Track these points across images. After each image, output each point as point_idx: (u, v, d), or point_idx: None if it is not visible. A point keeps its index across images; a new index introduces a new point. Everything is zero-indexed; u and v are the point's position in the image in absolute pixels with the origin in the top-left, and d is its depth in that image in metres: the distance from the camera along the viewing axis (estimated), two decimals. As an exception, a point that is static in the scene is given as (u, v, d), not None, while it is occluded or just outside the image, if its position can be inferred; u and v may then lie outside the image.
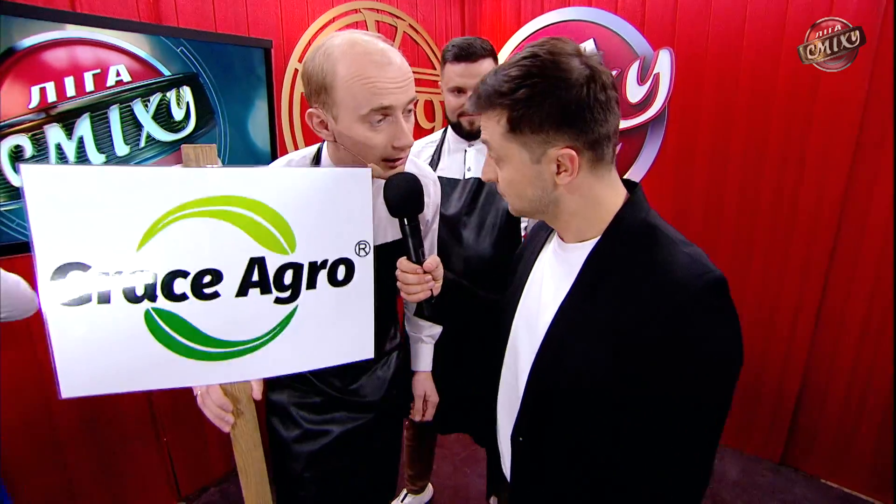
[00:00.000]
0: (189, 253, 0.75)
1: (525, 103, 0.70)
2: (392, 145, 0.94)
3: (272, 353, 0.84)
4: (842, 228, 2.05)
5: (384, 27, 2.58)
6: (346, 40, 0.90)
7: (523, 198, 0.78)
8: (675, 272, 0.68)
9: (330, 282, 0.86)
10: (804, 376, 2.25)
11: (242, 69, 2.00)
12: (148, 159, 1.79)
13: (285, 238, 0.80)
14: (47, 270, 0.68)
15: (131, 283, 0.72)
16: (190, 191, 0.73)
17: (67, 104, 1.60)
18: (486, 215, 1.57)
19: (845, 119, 1.95)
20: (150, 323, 0.75)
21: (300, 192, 0.80)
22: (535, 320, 0.83)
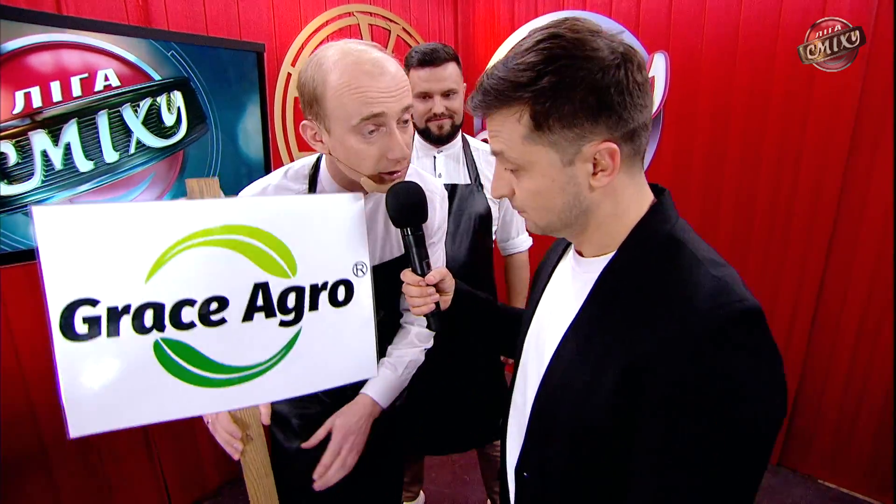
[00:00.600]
0: (196, 282, 0.77)
1: (552, 93, 0.58)
2: (387, 157, 0.90)
3: (279, 376, 0.85)
4: (837, 230, 2.06)
5: (377, 31, 2.55)
6: (339, 50, 0.88)
7: (551, 211, 0.66)
8: (697, 299, 0.57)
9: (331, 303, 0.88)
10: (801, 378, 2.25)
11: (235, 73, 1.96)
12: (138, 166, 1.74)
13: (287, 262, 0.83)
14: (57, 308, 0.69)
15: (140, 315, 0.74)
16: (195, 222, 0.76)
17: (54, 109, 1.55)
18: (459, 221, 1.58)
19: (841, 120, 1.96)
20: (158, 353, 0.76)
21: (298, 218, 0.83)
22: (543, 341, 0.75)
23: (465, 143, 1.66)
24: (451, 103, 1.54)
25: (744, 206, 2.26)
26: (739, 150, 2.22)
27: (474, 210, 1.59)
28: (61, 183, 1.59)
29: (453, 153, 1.64)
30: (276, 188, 1.03)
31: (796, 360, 2.24)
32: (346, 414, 1.03)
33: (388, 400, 1.10)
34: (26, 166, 1.52)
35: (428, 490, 2.21)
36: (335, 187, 1.02)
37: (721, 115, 2.24)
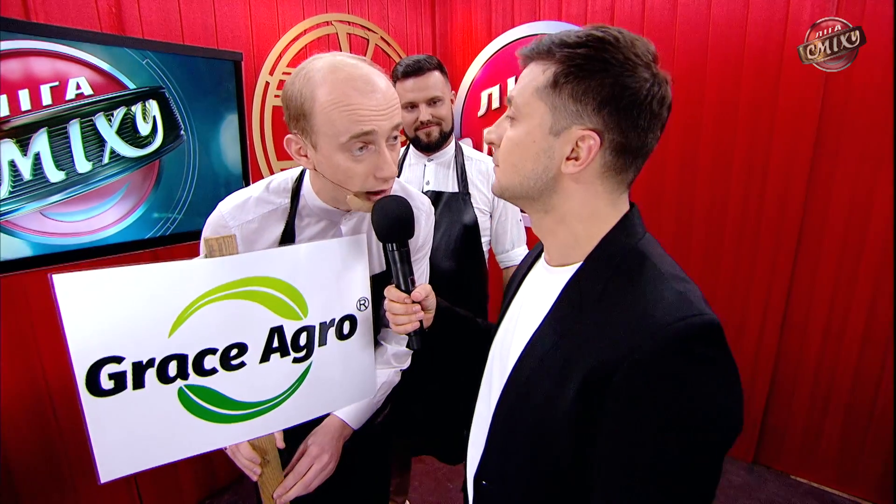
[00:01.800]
0: (216, 332, 0.81)
1: (580, 62, 0.61)
2: (375, 176, 0.89)
3: (292, 406, 0.92)
4: (803, 231, 2.14)
5: (356, 40, 2.55)
6: (328, 64, 0.86)
7: (519, 170, 0.68)
8: (657, 311, 0.57)
9: (338, 336, 0.94)
10: (772, 378, 2.34)
11: (211, 82, 1.93)
12: (112, 176, 1.70)
13: (298, 306, 0.88)
14: (83, 368, 0.72)
15: (164, 367, 0.78)
16: (215, 278, 0.80)
17: (22, 118, 1.51)
18: (443, 230, 1.59)
19: (803, 131, 2.05)
20: (182, 399, 0.81)
21: (309, 264, 0.88)
22: (508, 350, 0.76)
23: (459, 151, 1.68)
24: (436, 110, 1.57)
25: (716, 212, 2.34)
26: (711, 158, 2.31)
27: (459, 219, 1.60)
28: (31, 193, 1.54)
29: (444, 161, 1.67)
30: (256, 201, 1.01)
31: (767, 361, 2.32)
32: (316, 435, 1.04)
33: (359, 421, 1.09)
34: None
35: (412, 498, 2.19)
36: (318, 203, 1.01)
37: (693, 123, 2.31)
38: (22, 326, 1.60)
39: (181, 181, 1.90)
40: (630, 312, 0.59)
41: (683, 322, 0.56)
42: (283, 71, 2.24)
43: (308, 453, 1.00)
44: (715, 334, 0.57)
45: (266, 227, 1.00)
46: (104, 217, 1.71)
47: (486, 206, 1.67)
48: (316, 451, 1.00)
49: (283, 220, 1.01)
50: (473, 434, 0.85)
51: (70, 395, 1.72)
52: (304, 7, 2.29)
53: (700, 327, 0.56)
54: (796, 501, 2.20)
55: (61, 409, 1.71)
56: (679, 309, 0.57)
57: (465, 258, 1.62)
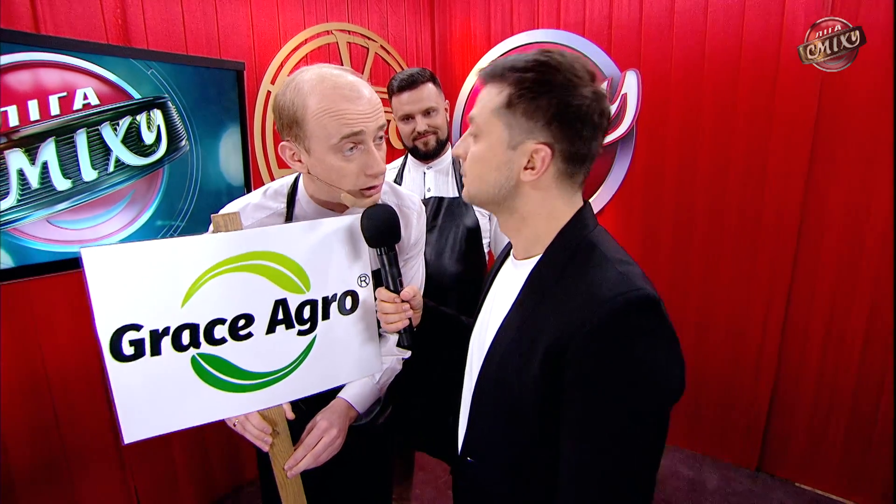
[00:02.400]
0: (225, 303, 0.90)
1: (531, 85, 0.71)
2: (365, 173, 0.98)
3: (299, 378, 0.99)
4: (802, 235, 2.18)
5: (356, 49, 2.61)
6: (316, 75, 0.95)
7: (483, 180, 0.78)
8: (602, 290, 0.67)
9: (340, 311, 1.02)
10: (775, 384, 2.35)
11: (215, 92, 1.99)
12: (117, 184, 1.75)
13: (301, 280, 0.96)
14: (107, 334, 0.81)
15: (178, 335, 0.87)
16: (222, 252, 0.89)
17: (31, 128, 1.56)
18: (448, 232, 1.68)
19: (802, 131, 2.09)
20: (196, 367, 0.89)
21: (310, 241, 0.96)
22: (483, 338, 0.86)
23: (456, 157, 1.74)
24: (432, 120, 1.65)
25: (715, 216, 2.37)
26: (709, 162, 2.34)
27: (462, 223, 1.68)
28: (38, 201, 1.59)
29: (443, 168, 1.75)
30: (255, 207, 1.08)
31: (769, 367, 2.34)
32: (324, 412, 1.11)
33: (364, 405, 1.16)
34: (1, 185, 1.52)
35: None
36: (312, 205, 1.09)
37: (691, 128, 2.36)
38: (26, 332, 1.65)
39: (184, 190, 1.95)
40: (580, 293, 0.70)
41: (622, 297, 0.66)
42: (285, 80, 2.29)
43: (318, 427, 1.07)
44: (650, 306, 0.67)
45: None
46: (109, 225, 1.76)
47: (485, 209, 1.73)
48: (325, 424, 1.07)
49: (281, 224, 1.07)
50: (460, 419, 0.94)
51: (72, 400, 1.76)
52: (304, 16, 2.36)
53: (637, 300, 0.66)
54: (800, 508, 2.21)
55: (63, 416, 1.75)
56: (619, 286, 0.67)
57: (469, 259, 1.70)
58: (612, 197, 2.65)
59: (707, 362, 2.51)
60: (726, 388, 2.48)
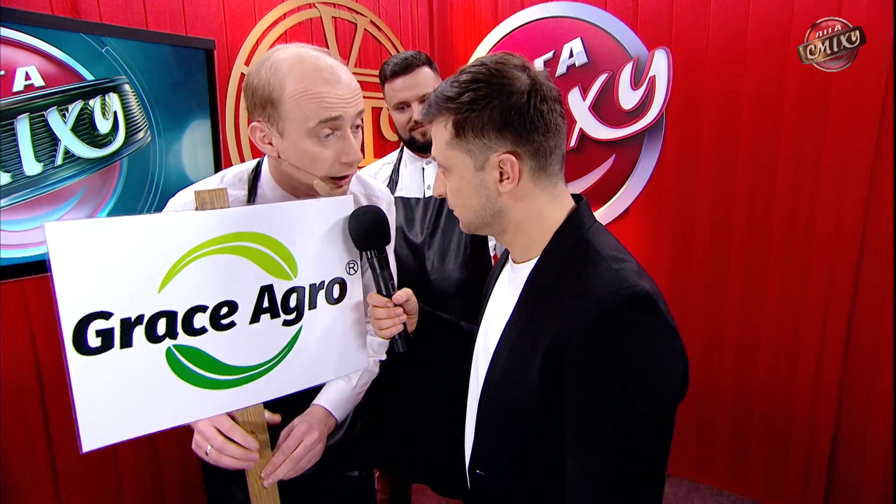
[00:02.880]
0: (207, 288, 0.92)
1: (469, 106, 0.83)
2: (340, 160, 1.07)
3: (282, 373, 1.02)
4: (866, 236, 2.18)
5: (342, 24, 2.64)
6: (294, 54, 1.04)
7: (469, 208, 0.90)
8: (596, 289, 0.78)
9: (327, 300, 1.06)
10: (838, 416, 2.33)
11: (180, 74, 2.00)
12: (66, 179, 1.75)
13: (288, 265, 1.00)
14: (71, 323, 0.80)
15: (153, 324, 0.88)
16: (206, 231, 0.91)
17: (-37, 113, 1.55)
18: (451, 235, 1.74)
19: (862, 121, 2.11)
20: (171, 360, 0.90)
21: (298, 222, 1.01)
22: (488, 343, 0.96)
23: None
24: None
25: (759, 217, 2.38)
26: (751, 155, 2.36)
27: None
28: (-28, 199, 1.58)
29: None
30: None
31: (830, 395, 2.32)
32: (303, 417, 1.16)
33: (343, 412, 1.24)
34: (-71, 180, 1.51)
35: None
36: (278, 192, 1.18)
37: (730, 116, 2.38)
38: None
39: (144, 187, 1.95)
40: (576, 293, 0.80)
41: (616, 294, 0.76)
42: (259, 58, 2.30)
43: (296, 430, 1.11)
44: (643, 301, 0.76)
45: None
46: (55, 226, 1.74)
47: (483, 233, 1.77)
48: (305, 427, 1.12)
49: None
50: (466, 430, 1.04)
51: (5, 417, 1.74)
52: (283, -12, 2.38)
53: (629, 297, 0.75)
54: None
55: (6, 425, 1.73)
56: (613, 284, 0.77)
57: (474, 263, 1.74)
58: (638, 196, 2.67)
59: (752, 390, 2.51)
60: (778, 420, 2.47)
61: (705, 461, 2.68)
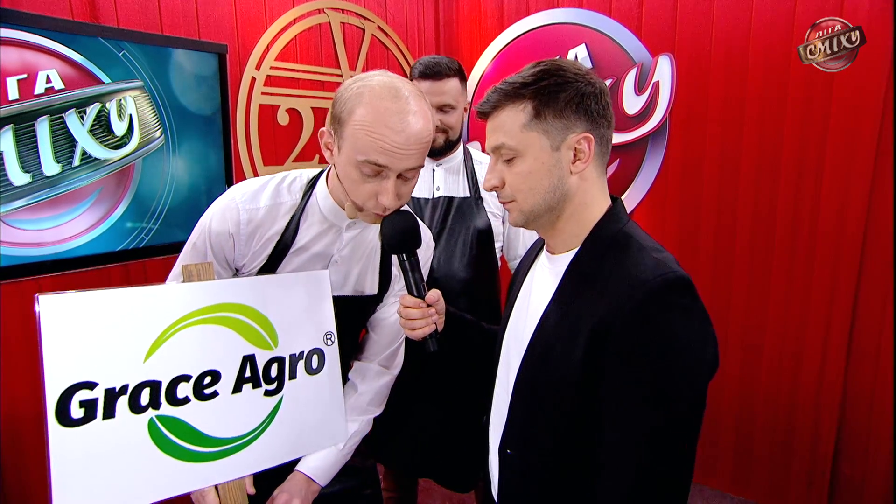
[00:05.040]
0: (192, 357, 0.96)
1: (548, 91, 0.91)
2: (377, 199, 1.08)
3: (262, 446, 1.05)
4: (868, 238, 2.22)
5: (350, 29, 2.69)
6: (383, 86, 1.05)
7: (538, 191, 0.94)
8: (641, 273, 0.85)
9: (307, 371, 1.12)
10: (841, 418, 2.37)
11: (193, 78, 2.06)
12: (83, 179, 1.79)
13: (269, 335, 1.06)
14: (55, 393, 0.82)
15: (137, 395, 0.90)
16: (192, 302, 0.96)
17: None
18: (458, 235, 1.77)
19: (863, 116, 2.16)
20: (152, 431, 0.92)
21: (277, 294, 1.07)
22: (522, 331, 1.02)
23: (468, 155, 1.85)
24: (446, 118, 1.73)
25: (763, 221, 2.43)
26: (755, 161, 2.41)
27: (473, 224, 1.76)
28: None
29: (453, 166, 1.83)
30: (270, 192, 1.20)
31: (832, 398, 2.35)
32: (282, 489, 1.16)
33: (327, 478, 1.22)
34: (-48, 179, 1.56)
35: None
36: (328, 203, 1.20)
37: (734, 122, 2.43)
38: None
39: (158, 187, 2.00)
40: (620, 278, 0.87)
41: (660, 278, 0.83)
42: (271, 65, 2.36)
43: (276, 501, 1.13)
44: (685, 286, 0.84)
45: (270, 219, 1.19)
46: (72, 226, 1.80)
47: (498, 210, 1.84)
48: (285, 498, 1.14)
49: (289, 215, 1.20)
50: (493, 417, 1.10)
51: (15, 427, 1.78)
52: (293, -7, 2.45)
53: (673, 280, 0.83)
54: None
55: (16, 448, 1.77)
56: (656, 269, 0.84)
57: (480, 265, 1.77)
58: (642, 199, 2.71)
59: (756, 392, 2.54)
60: (782, 422, 2.50)
61: (709, 464, 2.70)
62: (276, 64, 2.40)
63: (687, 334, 0.83)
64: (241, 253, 1.19)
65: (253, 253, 1.19)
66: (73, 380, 0.83)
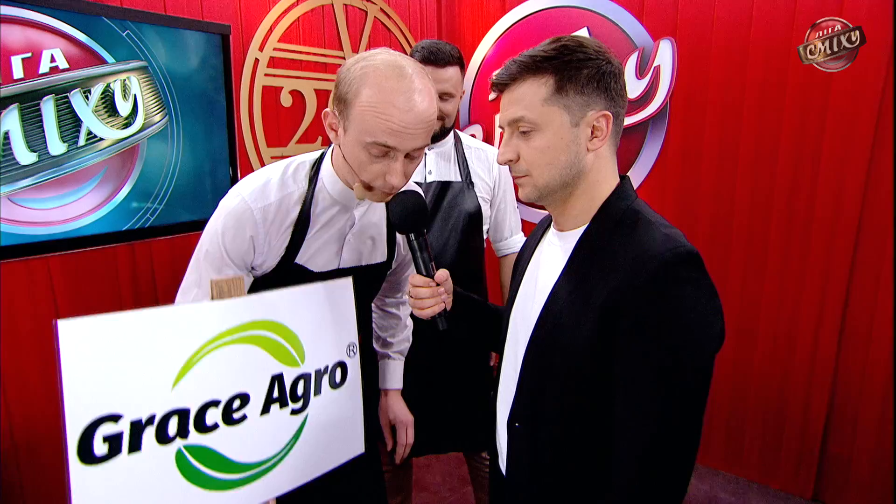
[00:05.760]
0: (222, 381, 0.91)
1: (571, 66, 0.90)
2: (384, 178, 1.09)
3: (287, 467, 1.02)
4: (862, 229, 2.25)
5: (353, 12, 2.69)
6: (387, 65, 1.05)
7: (555, 165, 0.94)
8: (651, 247, 0.86)
9: (330, 385, 1.09)
10: (831, 398, 2.42)
11: (197, 58, 2.06)
12: (88, 159, 1.79)
13: (297, 351, 1.02)
14: (76, 431, 0.76)
15: (164, 425, 0.85)
16: (223, 322, 0.91)
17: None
18: (449, 220, 1.80)
19: (862, 115, 2.17)
20: (180, 463, 0.87)
21: (305, 308, 1.04)
22: (530, 308, 1.02)
23: (458, 140, 1.88)
24: (444, 105, 1.74)
25: (759, 206, 2.45)
26: (754, 146, 2.43)
27: (464, 208, 1.80)
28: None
29: (444, 151, 1.85)
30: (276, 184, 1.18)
31: (824, 379, 2.40)
32: (393, 408, 1.51)
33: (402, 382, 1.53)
34: (-41, 157, 1.57)
35: None
36: (336, 185, 1.20)
37: (733, 107, 2.45)
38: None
39: (163, 168, 2.01)
40: (631, 252, 0.87)
41: (670, 252, 0.84)
42: (274, 46, 2.36)
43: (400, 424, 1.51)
44: (695, 260, 0.85)
45: (283, 211, 1.18)
46: (78, 205, 1.81)
47: (486, 195, 1.89)
48: (405, 421, 1.51)
49: (300, 204, 1.20)
50: (501, 392, 1.11)
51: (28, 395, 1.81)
52: (296, -25, 2.43)
53: (683, 254, 0.84)
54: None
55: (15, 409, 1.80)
56: (666, 243, 0.85)
57: (469, 247, 1.82)
58: (641, 183, 2.73)
59: (750, 373, 2.59)
60: (774, 403, 2.55)
61: (702, 442, 2.71)
62: (280, 45, 2.39)
63: (697, 307, 0.84)
64: (260, 252, 1.18)
65: (271, 247, 1.19)
66: (97, 414, 0.77)
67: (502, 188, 1.91)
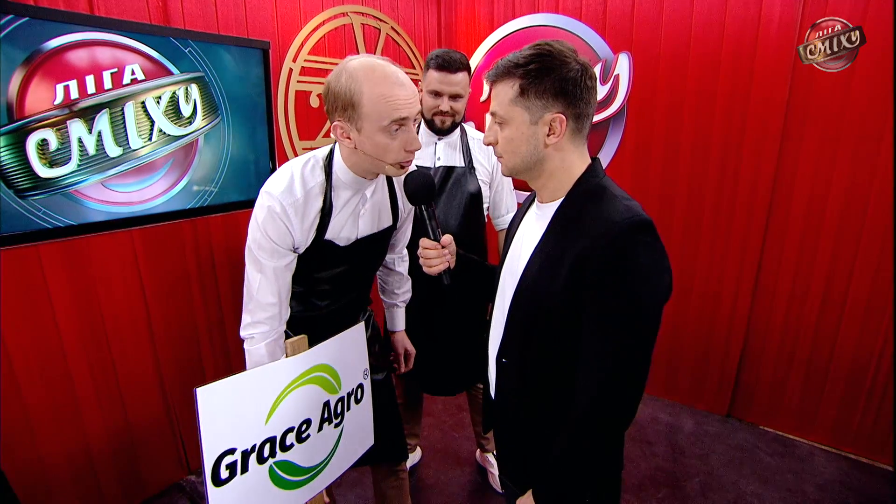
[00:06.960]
0: (295, 413, 1.08)
1: (535, 73, 0.93)
2: (405, 149, 1.16)
3: (333, 465, 1.21)
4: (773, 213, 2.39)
5: (369, 30, 2.76)
6: (367, 64, 1.11)
7: (518, 154, 0.99)
8: (613, 216, 0.89)
9: (355, 401, 1.26)
10: (745, 340, 2.61)
11: (243, 68, 2.15)
12: (159, 151, 1.92)
13: (336, 382, 1.19)
14: (210, 463, 0.92)
15: (261, 450, 1.02)
16: (294, 371, 1.08)
17: (88, 101, 1.72)
18: (454, 199, 1.88)
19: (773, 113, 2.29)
20: (272, 474, 1.05)
21: (340, 350, 1.18)
22: (516, 265, 1.06)
23: (463, 132, 1.95)
24: (455, 104, 1.83)
25: (695, 189, 2.58)
26: (691, 140, 2.55)
27: (467, 189, 1.89)
28: (94, 167, 1.77)
29: (452, 141, 1.93)
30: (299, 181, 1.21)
31: (741, 325, 2.60)
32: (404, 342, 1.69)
33: None
34: (64, 152, 1.69)
35: (422, 445, 2.46)
36: (350, 175, 1.25)
37: (676, 108, 2.55)
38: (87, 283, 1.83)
39: (217, 158, 2.12)
40: (596, 221, 0.91)
41: (628, 220, 0.87)
42: (305, 58, 2.45)
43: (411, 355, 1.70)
44: (649, 227, 0.88)
45: (309, 203, 1.22)
46: (153, 188, 1.94)
47: (486, 178, 1.96)
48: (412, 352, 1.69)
49: (322, 193, 1.24)
50: (492, 332, 1.16)
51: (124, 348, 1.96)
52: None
53: (640, 222, 0.87)
54: (762, 447, 2.48)
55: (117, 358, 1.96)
56: (626, 213, 0.89)
57: (471, 222, 1.91)
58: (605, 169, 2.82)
59: (685, 322, 2.76)
60: (702, 345, 2.74)
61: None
62: (309, 57, 2.48)
63: (650, 265, 0.87)
64: (298, 239, 1.23)
65: (305, 231, 1.23)
66: (220, 449, 0.92)
67: (500, 173, 1.96)
